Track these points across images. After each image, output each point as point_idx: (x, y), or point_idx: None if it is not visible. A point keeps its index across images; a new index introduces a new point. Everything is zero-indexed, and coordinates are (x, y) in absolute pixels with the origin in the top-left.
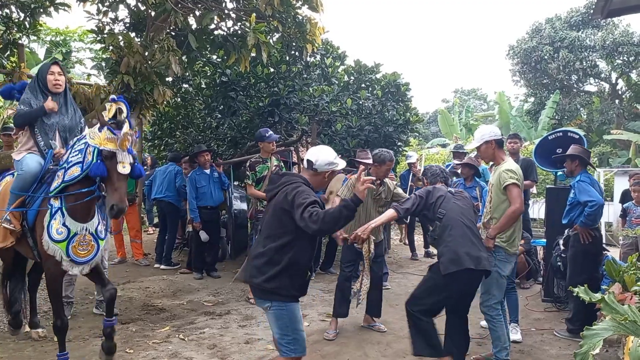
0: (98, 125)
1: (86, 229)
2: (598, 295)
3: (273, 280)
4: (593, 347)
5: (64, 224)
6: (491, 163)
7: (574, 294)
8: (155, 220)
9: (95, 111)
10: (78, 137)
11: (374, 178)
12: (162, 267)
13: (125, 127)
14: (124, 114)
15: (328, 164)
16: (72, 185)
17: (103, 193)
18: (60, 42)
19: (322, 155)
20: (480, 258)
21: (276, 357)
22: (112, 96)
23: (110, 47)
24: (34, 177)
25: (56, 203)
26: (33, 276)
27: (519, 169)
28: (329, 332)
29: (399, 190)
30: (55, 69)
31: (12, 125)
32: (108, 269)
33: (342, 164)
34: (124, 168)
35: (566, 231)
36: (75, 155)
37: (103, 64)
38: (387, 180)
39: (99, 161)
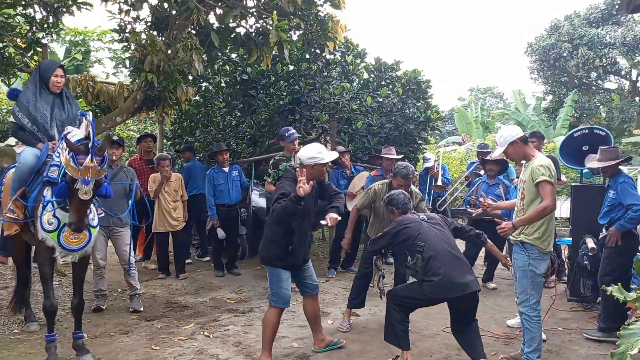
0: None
1: None
2: (633, 295)
3: (262, 250)
4: (631, 346)
5: (54, 215)
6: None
7: (608, 293)
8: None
9: (118, 110)
10: (64, 133)
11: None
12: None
13: (87, 160)
14: (90, 142)
15: (310, 157)
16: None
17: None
18: (80, 41)
19: (305, 151)
20: (467, 283)
21: (268, 306)
22: (83, 112)
23: (133, 46)
24: (31, 170)
25: (48, 195)
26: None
27: (551, 165)
28: (342, 323)
29: (422, 205)
30: (59, 72)
31: None
32: (135, 265)
33: (328, 156)
34: (85, 195)
35: (604, 230)
36: (58, 156)
37: (127, 63)
38: (416, 191)
39: (63, 182)
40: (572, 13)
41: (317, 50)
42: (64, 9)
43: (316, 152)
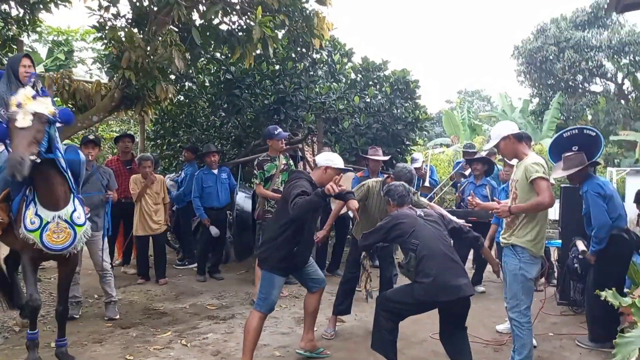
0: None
1: (59, 217)
2: (628, 300)
3: (265, 251)
4: (628, 356)
5: (36, 214)
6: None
7: (602, 298)
8: None
9: (95, 108)
10: None
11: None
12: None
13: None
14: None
15: (326, 159)
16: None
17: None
18: (63, 41)
19: (322, 155)
20: (460, 286)
21: (252, 310)
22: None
23: (111, 42)
24: None
25: (30, 194)
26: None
27: (543, 162)
28: (327, 330)
29: (422, 200)
30: (26, 62)
31: None
32: (112, 271)
33: (340, 163)
34: (19, 122)
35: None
36: None
37: (104, 60)
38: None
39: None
40: (558, 16)
41: (303, 49)
42: (41, 6)
43: (331, 156)
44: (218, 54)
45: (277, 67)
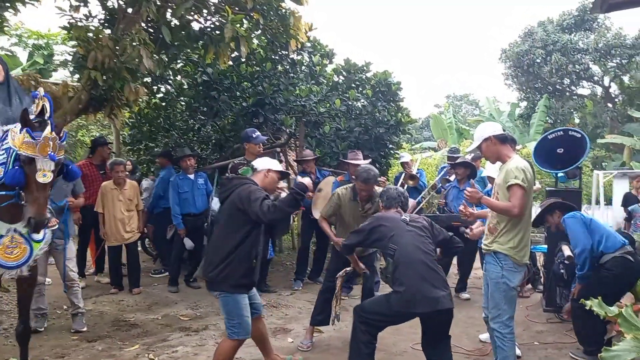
0: (19, 125)
1: (14, 230)
2: (615, 309)
3: (223, 271)
4: None
5: None
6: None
7: (587, 307)
8: None
9: (62, 110)
10: (5, 131)
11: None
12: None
13: (47, 130)
14: (47, 114)
15: (264, 164)
16: None
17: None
18: (43, 45)
19: (259, 161)
20: (438, 299)
21: (223, 339)
22: (35, 92)
23: (78, 41)
24: None
25: None
26: None
27: (528, 168)
28: (303, 342)
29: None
30: None
31: None
32: (78, 282)
33: (279, 166)
34: (44, 177)
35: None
36: (2, 154)
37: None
38: (380, 191)
39: (16, 167)
40: (545, 19)
41: (283, 51)
42: (7, 4)
43: (269, 160)
44: (195, 56)
45: (256, 68)
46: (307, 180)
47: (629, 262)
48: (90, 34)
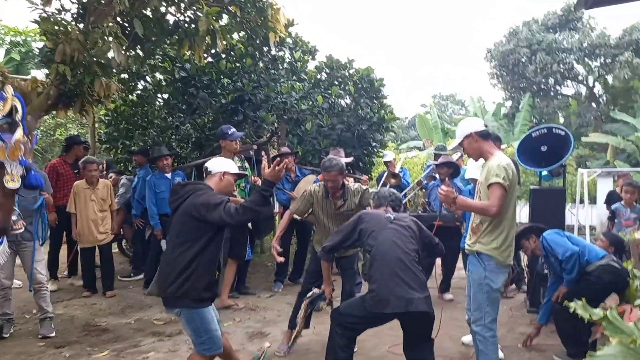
0: None
1: None
2: (599, 311)
3: (182, 285)
4: None
5: None
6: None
7: (571, 310)
8: None
9: (30, 107)
10: None
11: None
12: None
13: (18, 133)
14: (19, 115)
15: (220, 166)
16: None
17: None
18: (21, 42)
19: (213, 162)
20: (411, 300)
21: (192, 355)
22: (2, 92)
23: (45, 35)
24: None
25: None
26: None
27: (510, 165)
28: (280, 347)
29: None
30: None
31: None
32: (47, 285)
33: (235, 168)
34: (12, 182)
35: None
36: None
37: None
38: (355, 188)
39: None
40: (530, 19)
41: (264, 47)
42: None
43: (223, 162)
44: (172, 51)
45: (236, 64)
46: (271, 174)
47: (616, 269)
48: (59, 27)
